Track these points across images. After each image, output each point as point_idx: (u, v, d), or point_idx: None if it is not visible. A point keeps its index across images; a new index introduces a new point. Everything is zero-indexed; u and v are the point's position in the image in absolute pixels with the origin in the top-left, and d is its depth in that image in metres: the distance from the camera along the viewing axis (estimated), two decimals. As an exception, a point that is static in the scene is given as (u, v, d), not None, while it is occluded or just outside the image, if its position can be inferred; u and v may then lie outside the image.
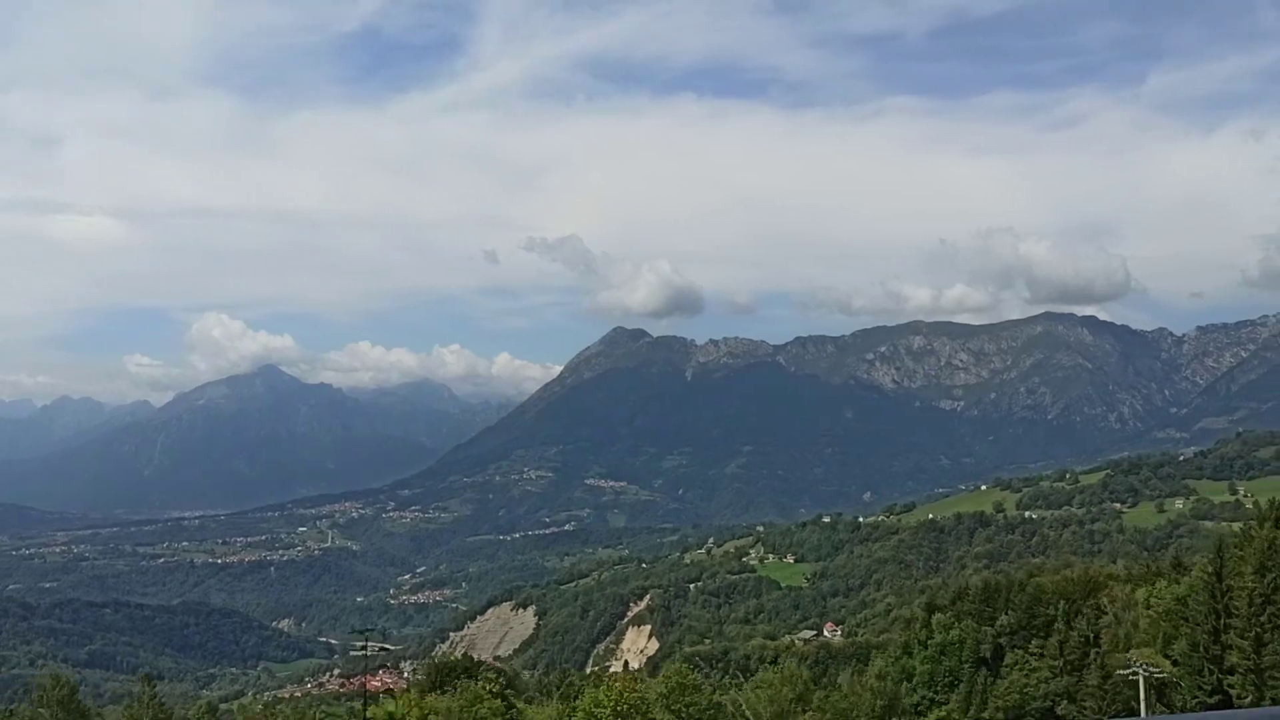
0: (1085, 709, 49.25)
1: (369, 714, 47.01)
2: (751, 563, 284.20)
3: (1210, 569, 44.55)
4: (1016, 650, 73.64)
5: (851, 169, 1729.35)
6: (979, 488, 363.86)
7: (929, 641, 79.56)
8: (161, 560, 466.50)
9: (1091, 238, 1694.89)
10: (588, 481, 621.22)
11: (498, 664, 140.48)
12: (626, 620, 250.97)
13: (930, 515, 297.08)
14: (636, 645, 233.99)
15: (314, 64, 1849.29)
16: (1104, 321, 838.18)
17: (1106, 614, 67.68)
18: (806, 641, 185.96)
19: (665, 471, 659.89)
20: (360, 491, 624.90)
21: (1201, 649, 44.19)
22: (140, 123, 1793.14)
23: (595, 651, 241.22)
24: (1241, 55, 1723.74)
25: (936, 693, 75.65)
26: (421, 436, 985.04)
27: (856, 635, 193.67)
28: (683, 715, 45.51)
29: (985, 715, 57.62)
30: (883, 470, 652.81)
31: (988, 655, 76.84)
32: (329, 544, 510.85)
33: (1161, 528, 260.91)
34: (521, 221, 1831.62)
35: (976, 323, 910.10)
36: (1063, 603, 74.89)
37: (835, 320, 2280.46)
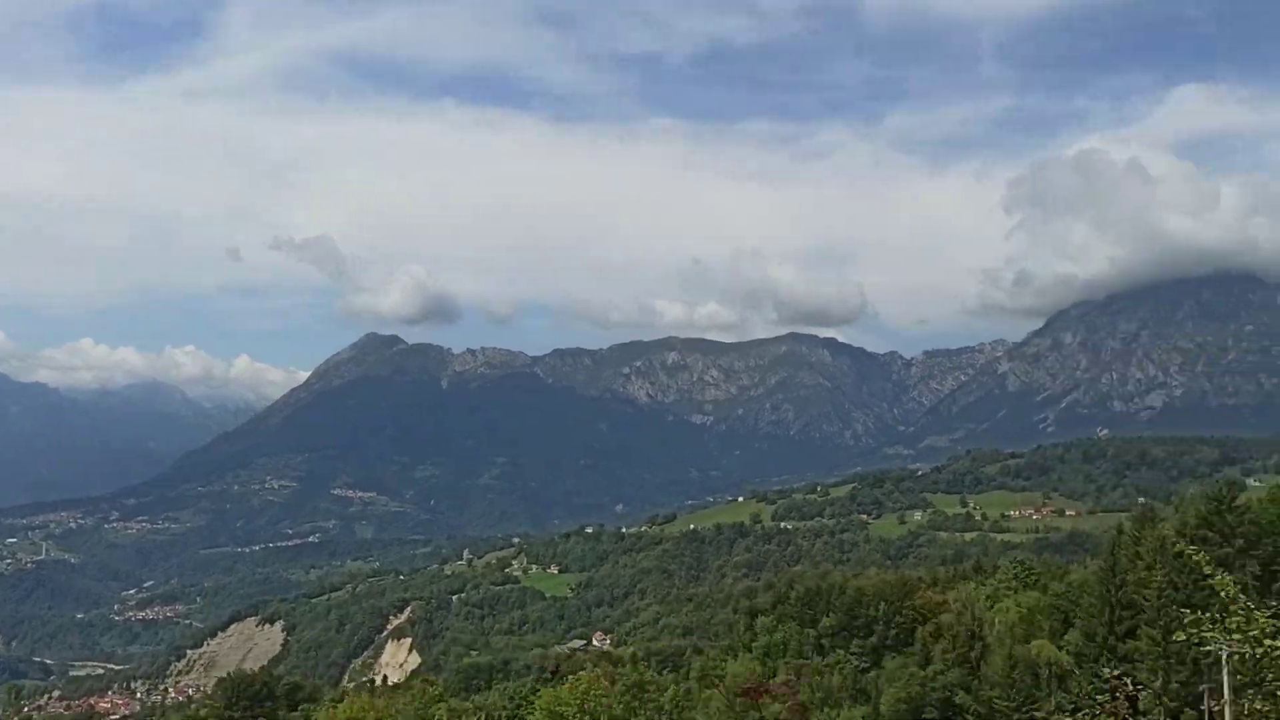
0: (986, 698, 49.01)
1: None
2: (515, 574, 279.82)
3: (1105, 566, 44.77)
4: (838, 650, 74.27)
5: (614, 185, 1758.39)
6: (736, 499, 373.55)
7: (753, 644, 79.33)
8: None
9: (834, 264, 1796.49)
10: (334, 492, 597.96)
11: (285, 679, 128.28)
12: (386, 634, 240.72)
13: (691, 526, 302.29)
14: (397, 659, 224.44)
15: (46, 39, 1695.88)
16: (842, 344, 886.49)
17: (951, 613, 68.30)
18: (585, 651, 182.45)
19: (417, 482, 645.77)
20: (79, 500, 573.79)
21: (1099, 639, 44.38)
22: None
23: (352, 666, 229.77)
24: (970, 102, 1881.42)
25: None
26: (149, 442, 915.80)
27: (627, 643, 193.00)
28: (642, 714, 42.09)
29: (884, 708, 56.66)
30: (635, 482, 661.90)
31: (809, 655, 77.29)
32: (43, 556, 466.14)
33: (903, 537, 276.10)
34: (269, 219, 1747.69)
35: (727, 340, 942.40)
36: (883, 604, 76.13)
37: (593, 333, 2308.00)
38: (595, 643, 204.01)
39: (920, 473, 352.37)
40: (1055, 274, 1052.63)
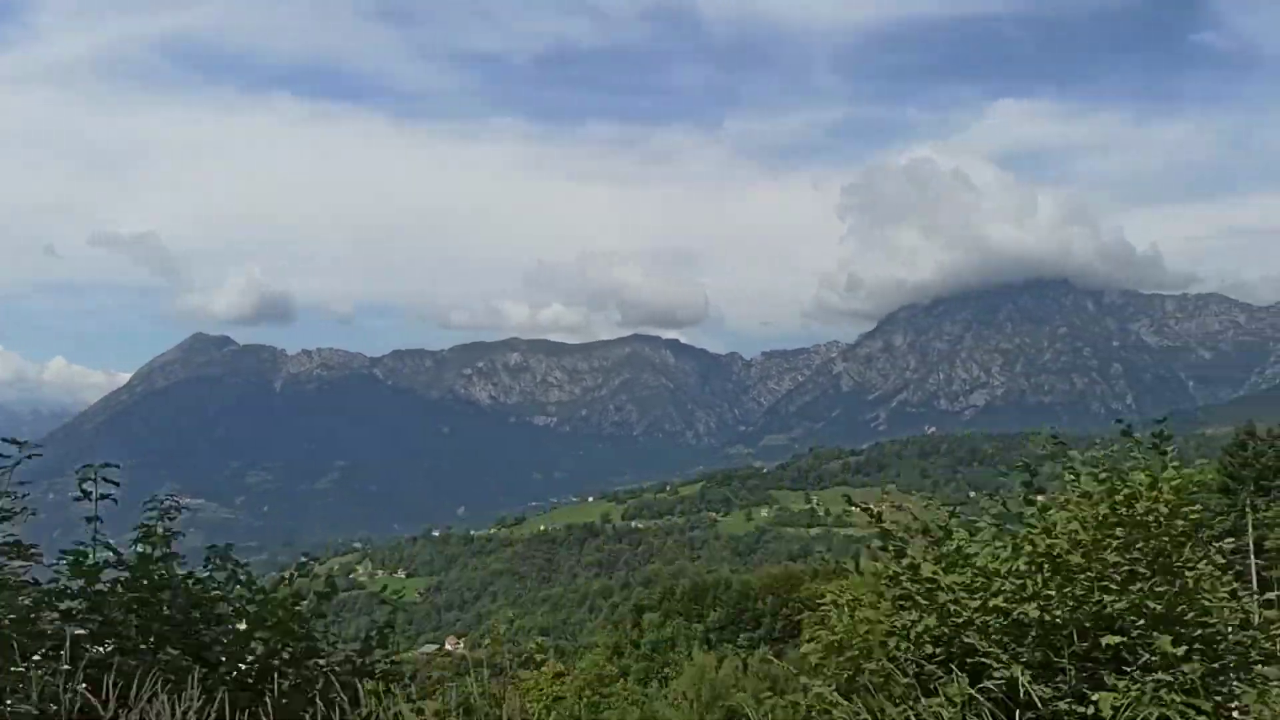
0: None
1: None
2: (361, 579, 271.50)
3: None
4: (725, 644, 74.57)
5: (456, 184, 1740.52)
6: (586, 500, 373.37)
7: (640, 641, 79.11)
8: None
9: (678, 266, 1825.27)
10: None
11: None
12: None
13: (541, 527, 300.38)
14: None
15: None
16: (685, 345, 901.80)
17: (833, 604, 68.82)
18: (447, 653, 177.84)
19: (249, 488, 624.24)
20: None
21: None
22: None
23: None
24: (807, 110, 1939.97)
25: (647, 688, 74.92)
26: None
27: (481, 647, 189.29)
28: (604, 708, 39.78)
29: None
30: (477, 485, 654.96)
31: (697, 649, 77.61)
32: None
33: (751, 534, 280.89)
34: (90, 213, 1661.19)
35: (571, 341, 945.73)
36: (770, 597, 77.15)
37: (435, 334, 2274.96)
38: (449, 647, 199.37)
39: (766, 471, 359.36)
40: (886, 278, 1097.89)
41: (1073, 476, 8.79)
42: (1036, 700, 6.46)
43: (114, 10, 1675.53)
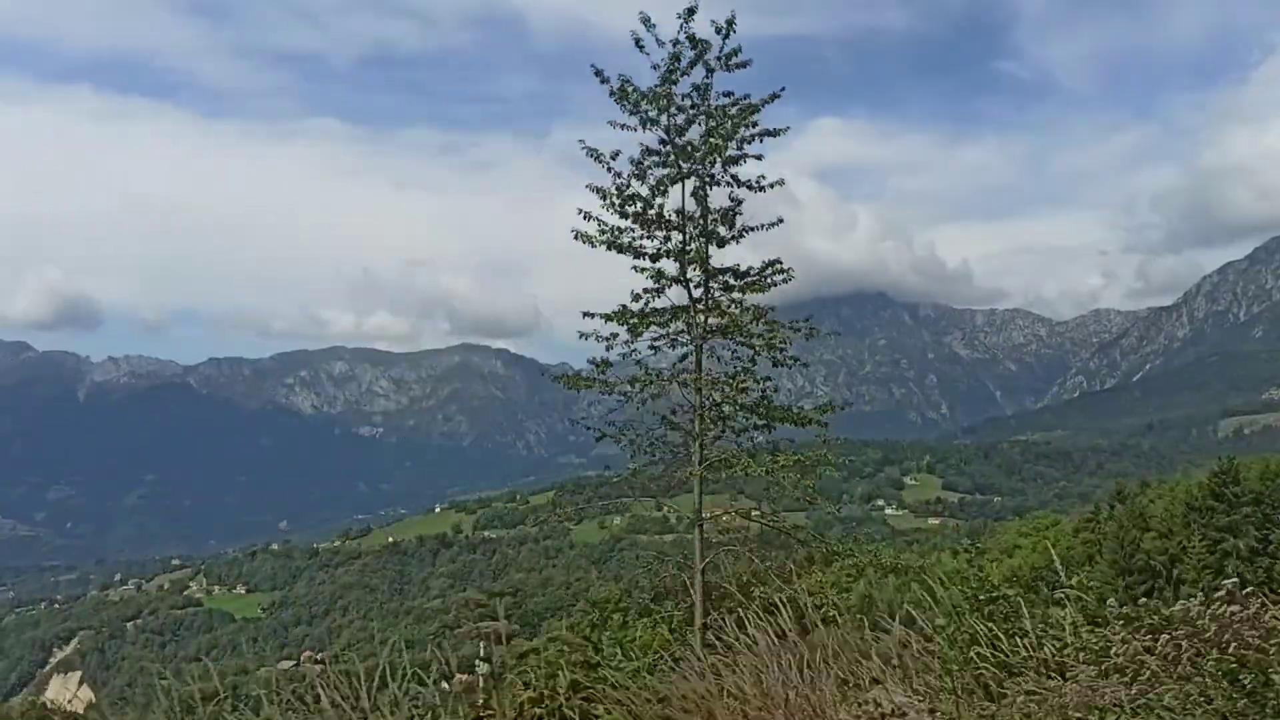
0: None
1: None
2: (196, 595, 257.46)
3: (1116, 536, 46.43)
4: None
5: (275, 187, 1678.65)
6: (433, 510, 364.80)
7: (604, 643, 76.99)
8: None
9: (508, 275, 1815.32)
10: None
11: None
12: (49, 668, 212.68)
13: (390, 539, 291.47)
14: (65, 695, 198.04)
15: None
16: (516, 355, 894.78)
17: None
18: (295, 670, 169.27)
19: (50, 504, 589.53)
20: None
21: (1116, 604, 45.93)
22: None
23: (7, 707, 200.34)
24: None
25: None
26: None
27: (340, 661, 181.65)
28: None
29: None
30: (300, 498, 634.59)
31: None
32: None
33: (605, 542, 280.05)
34: None
35: (398, 350, 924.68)
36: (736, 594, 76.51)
37: (254, 342, 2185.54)
38: (303, 663, 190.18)
39: (616, 479, 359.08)
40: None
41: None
42: None
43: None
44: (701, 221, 14.58)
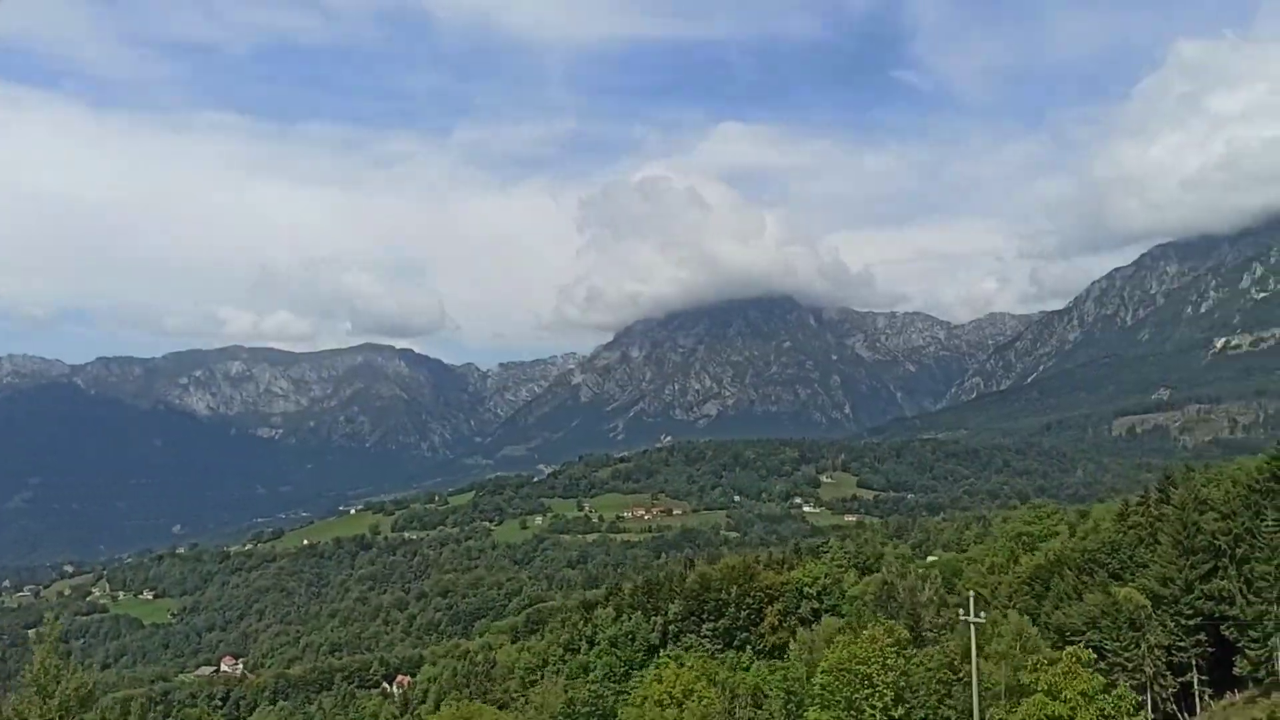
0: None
1: None
2: (101, 601, 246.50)
3: (1177, 518, 46.47)
4: (689, 635, 73.95)
5: (167, 181, 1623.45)
6: (350, 511, 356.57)
7: (597, 637, 77.12)
8: None
9: (412, 275, 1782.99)
10: None
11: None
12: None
13: (306, 541, 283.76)
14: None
15: None
16: (420, 355, 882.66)
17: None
18: (218, 676, 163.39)
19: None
20: None
21: (1180, 583, 46.36)
22: None
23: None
24: (540, 122, 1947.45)
25: (616, 681, 74.85)
26: None
27: (266, 666, 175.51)
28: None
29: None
30: (195, 501, 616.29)
31: (657, 642, 77.85)
32: None
33: (528, 541, 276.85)
34: None
35: (299, 350, 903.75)
36: (734, 588, 77.24)
37: (146, 341, 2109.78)
38: (225, 668, 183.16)
39: (537, 479, 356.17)
40: (623, 291, 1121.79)
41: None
42: None
43: None
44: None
